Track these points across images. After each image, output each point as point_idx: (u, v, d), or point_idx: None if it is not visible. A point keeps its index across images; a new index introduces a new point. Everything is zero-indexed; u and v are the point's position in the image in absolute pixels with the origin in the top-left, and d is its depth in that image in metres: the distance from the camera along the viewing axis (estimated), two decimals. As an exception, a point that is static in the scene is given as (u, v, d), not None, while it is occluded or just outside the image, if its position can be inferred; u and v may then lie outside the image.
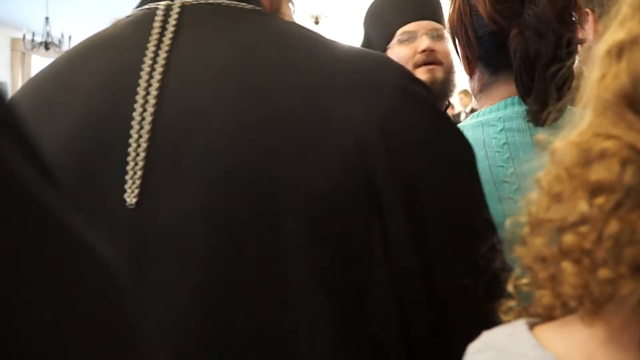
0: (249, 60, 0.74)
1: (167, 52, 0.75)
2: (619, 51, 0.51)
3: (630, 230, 0.47)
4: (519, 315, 0.60)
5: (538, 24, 1.02)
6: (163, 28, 0.77)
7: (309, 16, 9.73)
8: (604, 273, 0.48)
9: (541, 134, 0.58)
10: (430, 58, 1.69)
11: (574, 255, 0.50)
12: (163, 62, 0.75)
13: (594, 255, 0.49)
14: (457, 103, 9.79)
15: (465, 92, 9.43)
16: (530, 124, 1.07)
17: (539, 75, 1.02)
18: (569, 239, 0.50)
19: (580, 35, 1.09)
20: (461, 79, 1.41)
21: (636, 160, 0.48)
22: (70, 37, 8.92)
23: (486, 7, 1.07)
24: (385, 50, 1.74)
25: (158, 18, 0.78)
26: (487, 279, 0.67)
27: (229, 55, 0.75)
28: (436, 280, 0.73)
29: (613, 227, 0.48)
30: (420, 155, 0.73)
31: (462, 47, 1.15)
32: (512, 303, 0.60)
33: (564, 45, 1.02)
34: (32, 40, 8.97)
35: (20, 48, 9.69)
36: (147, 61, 0.75)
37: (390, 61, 0.80)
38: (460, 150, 0.78)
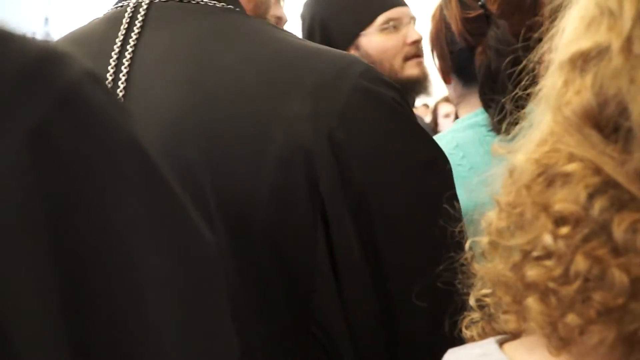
0: (203, 58, 0.77)
1: (133, 47, 0.79)
2: (583, 63, 0.46)
3: (600, 269, 0.43)
4: (482, 330, 0.56)
5: (498, 44, 1.11)
6: (131, 24, 0.81)
7: (308, 15, 9.69)
8: (572, 319, 0.44)
9: (497, 144, 0.55)
10: (420, 51, 1.57)
11: (539, 289, 0.46)
12: (129, 56, 0.79)
13: (560, 294, 0.45)
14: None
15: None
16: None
17: (499, 90, 1.11)
18: (533, 273, 0.46)
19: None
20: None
21: (604, 189, 0.44)
22: (70, 37, 8.92)
23: (458, 26, 1.17)
24: (356, 37, 1.54)
25: (127, 15, 0.82)
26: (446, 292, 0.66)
27: (185, 53, 0.78)
28: (388, 289, 0.73)
29: (580, 264, 0.44)
30: (374, 163, 0.72)
31: (439, 60, 1.28)
32: (475, 315, 0.57)
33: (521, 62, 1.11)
34: (32, 40, 8.96)
35: (21, 48, 9.67)
36: (114, 55, 0.79)
37: (356, 61, 0.78)
38: (425, 155, 0.77)
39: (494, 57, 1.12)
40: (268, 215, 0.70)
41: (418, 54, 1.57)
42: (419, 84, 1.57)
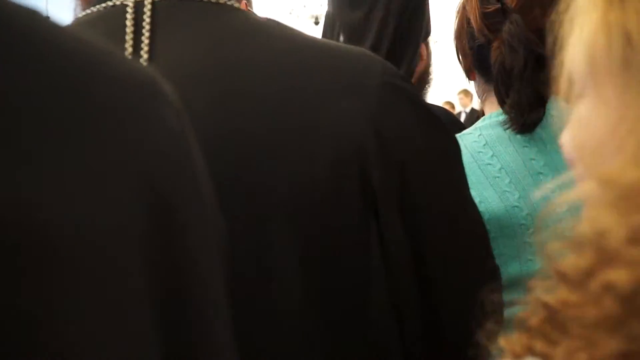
0: (233, 62, 0.72)
1: (147, 52, 0.72)
2: None
3: None
4: (522, 346, 0.45)
5: (511, 39, 1.11)
6: (137, 27, 0.73)
7: (309, 16, 9.74)
8: None
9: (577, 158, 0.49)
10: None
11: None
12: (145, 64, 0.71)
13: None
14: (457, 103, 9.79)
15: (465, 92, 9.43)
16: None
17: (514, 86, 1.12)
18: None
19: None
20: (462, 79, 1.42)
21: None
22: (70, 37, 8.94)
23: (477, 21, 1.17)
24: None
25: (129, 16, 0.73)
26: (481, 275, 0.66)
27: (212, 58, 0.73)
28: (430, 280, 0.74)
29: None
30: (411, 151, 0.74)
31: (462, 57, 1.27)
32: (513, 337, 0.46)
33: (535, 58, 1.10)
34: (32, 40, 8.98)
35: (20, 48, 9.69)
36: None
37: (374, 57, 0.79)
38: (447, 143, 0.79)
39: (507, 52, 1.11)
40: (323, 216, 0.70)
41: None
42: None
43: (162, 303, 0.40)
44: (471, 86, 1.35)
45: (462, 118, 9.32)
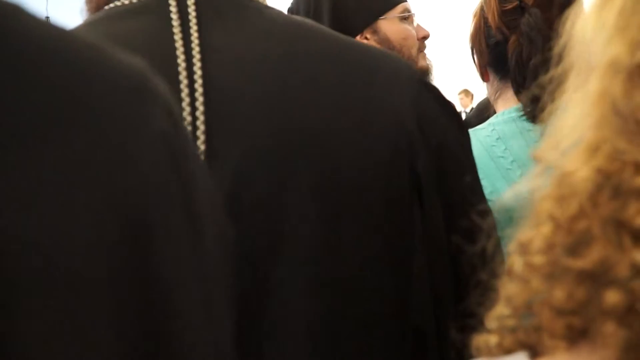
0: (287, 55, 0.75)
1: (198, 45, 0.72)
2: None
3: None
4: (499, 345, 0.49)
5: (529, 30, 1.15)
6: (183, 19, 0.73)
7: (309, 16, 9.72)
8: None
9: (537, 150, 0.50)
10: (425, 46, 1.69)
11: (619, 314, 0.41)
12: (198, 56, 0.72)
13: None
14: (457, 103, 9.79)
15: (465, 92, 9.43)
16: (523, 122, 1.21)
17: (530, 76, 1.15)
18: (614, 297, 0.40)
19: None
20: (462, 79, 1.44)
21: None
22: (70, 37, 8.93)
23: (495, 19, 1.21)
24: (375, 20, 1.54)
25: (174, 9, 0.73)
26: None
27: (266, 50, 0.75)
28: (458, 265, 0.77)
29: None
30: (444, 138, 0.79)
31: (477, 56, 1.31)
32: (492, 339, 0.49)
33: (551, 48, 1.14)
34: (32, 40, 8.97)
35: (20, 48, 9.69)
36: (180, 56, 0.71)
37: (395, 55, 0.84)
38: (464, 132, 0.85)
39: (526, 43, 1.15)
40: (384, 202, 0.74)
41: (424, 48, 1.67)
42: (429, 75, 1.68)
43: (131, 327, 0.36)
44: (471, 86, 1.40)
45: (462, 118, 9.32)
